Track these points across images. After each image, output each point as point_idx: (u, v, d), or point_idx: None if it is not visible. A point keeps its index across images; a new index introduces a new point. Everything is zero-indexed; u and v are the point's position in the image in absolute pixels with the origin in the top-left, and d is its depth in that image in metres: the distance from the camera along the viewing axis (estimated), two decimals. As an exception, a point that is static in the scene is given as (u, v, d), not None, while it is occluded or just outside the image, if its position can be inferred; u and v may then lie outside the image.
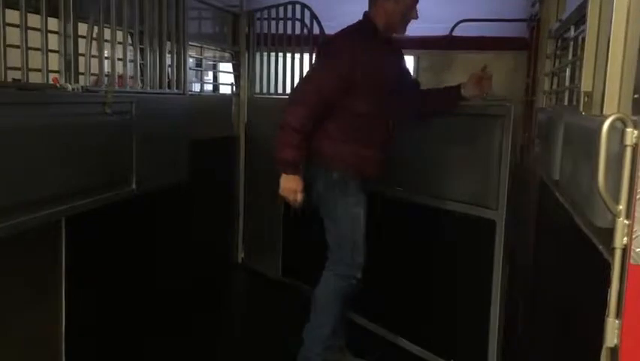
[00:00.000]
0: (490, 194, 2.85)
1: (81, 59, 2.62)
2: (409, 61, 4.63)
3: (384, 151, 2.94)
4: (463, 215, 2.99)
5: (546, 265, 2.23)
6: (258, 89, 4.67)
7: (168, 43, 3.33)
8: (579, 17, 2.25)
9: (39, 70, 2.43)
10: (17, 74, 2.35)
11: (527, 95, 3.73)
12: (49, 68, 2.47)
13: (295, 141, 2.72)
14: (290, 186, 2.79)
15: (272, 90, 4.60)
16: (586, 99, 1.70)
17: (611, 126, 1.11)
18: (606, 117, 1.14)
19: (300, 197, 2.80)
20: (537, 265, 2.60)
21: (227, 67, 4.74)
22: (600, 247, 1.28)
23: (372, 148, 2.88)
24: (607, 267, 1.18)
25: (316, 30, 4.28)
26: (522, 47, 4.07)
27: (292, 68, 4.40)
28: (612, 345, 1.12)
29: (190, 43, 3.64)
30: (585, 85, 1.73)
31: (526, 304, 2.88)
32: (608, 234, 1.18)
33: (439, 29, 4.44)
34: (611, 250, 1.14)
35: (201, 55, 4.22)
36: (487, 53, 4.38)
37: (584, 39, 2.19)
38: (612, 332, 1.12)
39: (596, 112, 1.65)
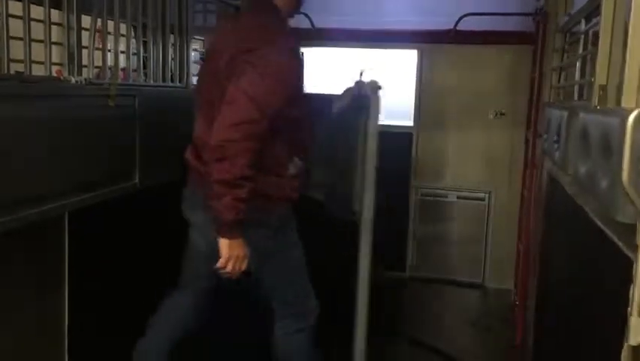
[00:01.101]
0: (352, 195, 2.60)
1: (84, 52, 2.58)
2: (412, 55, 4.59)
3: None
4: (328, 216, 2.80)
5: (557, 264, 2.21)
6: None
7: (171, 37, 3.29)
8: (590, 10, 2.22)
9: (42, 62, 2.39)
10: (20, 67, 2.31)
11: (533, 90, 3.70)
12: (52, 61, 2.44)
13: (244, 193, 2.11)
14: (238, 252, 2.21)
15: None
16: (600, 93, 1.68)
17: (637, 120, 1.08)
18: (629, 111, 1.11)
19: (245, 264, 2.25)
20: (546, 263, 2.57)
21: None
22: (620, 243, 1.26)
23: (303, 163, 2.42)
24: (628, 263, 1.15)
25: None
26: (527, 41, 4.04)
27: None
28: (636, 343, 1.10)
29: (193, 37, 3.61)
30: (599, 78, 1.70)
31: (535, 303, 2.84)
32: (628, 230, 1.15)
33: (443, 23, 4.42)
34: (634, 247, 1.12)
35: (204, 48, 4.18)
36: (491, 47, 4.36)
37: (595, 33, 2.18)
38: (636, 330, 1.09)
39: (611, 105, 1.63)
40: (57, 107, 2.29)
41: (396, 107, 5.60)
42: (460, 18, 4.30)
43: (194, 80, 3.88)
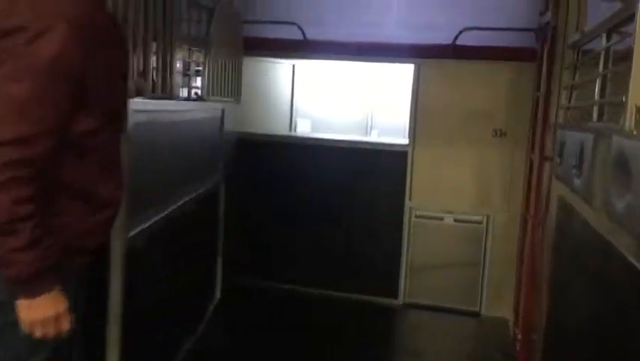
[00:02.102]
0: None
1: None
2: (409, 69, 4.39)
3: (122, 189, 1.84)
4: None
5: (574, 300, 2.00)
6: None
7: (154, 45, 3.06)
8: (611, 27, 2.04)
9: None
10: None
11: (537, 109, 3.51)
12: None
13: (22, 240, 1.48)
14: (45, 314, 1.57)
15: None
16: (637, 116, 1.48)
17: None
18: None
19: (67, 322, 1.63)
20: (558, 297, 2.36)
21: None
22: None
23: (112, 192, 1.78)
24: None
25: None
26: (529, 58, 3.86)
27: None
28: None
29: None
30: (635, 97, 1.51)
31: (544, 338, 2.63)
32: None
33: (440, 38, 4.24)
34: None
35: (189, 58, 3.96)
36: (491, 63, 4.18)
37: (615, 51, 2.01)
38: None
39: (649, 129, 1.44)
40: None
41: (391, 124, 5.46)
42: (460, 32, 4.12)
43: (181, 91, 3.67)
